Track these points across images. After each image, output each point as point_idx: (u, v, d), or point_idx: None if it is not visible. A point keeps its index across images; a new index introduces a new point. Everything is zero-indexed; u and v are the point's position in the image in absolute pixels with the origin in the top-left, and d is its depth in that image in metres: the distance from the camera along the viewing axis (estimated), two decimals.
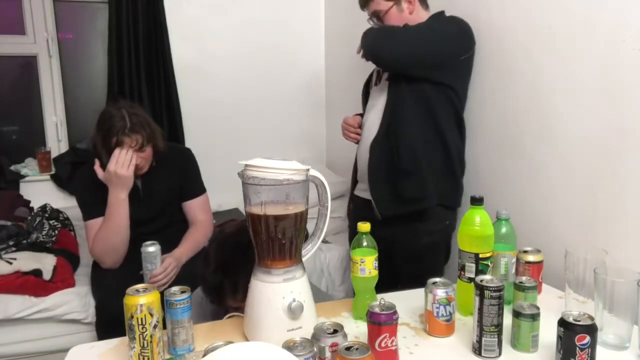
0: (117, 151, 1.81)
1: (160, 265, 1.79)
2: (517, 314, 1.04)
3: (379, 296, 1.09)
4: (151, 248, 1.76)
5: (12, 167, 2.76)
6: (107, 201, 1.85)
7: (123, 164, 1.80)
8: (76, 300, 2.03)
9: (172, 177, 2.04)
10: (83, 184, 1.99)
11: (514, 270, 1.29)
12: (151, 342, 0.95)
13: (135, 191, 1.96)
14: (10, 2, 2.72)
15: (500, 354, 1.02)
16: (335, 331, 0.93)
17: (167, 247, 1.90)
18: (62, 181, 2.75)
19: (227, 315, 1.22)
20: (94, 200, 1.92)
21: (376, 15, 1.80)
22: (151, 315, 0.94)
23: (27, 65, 2.82)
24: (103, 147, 1.84)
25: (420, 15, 1.83)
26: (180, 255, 1.91)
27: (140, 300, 0.93)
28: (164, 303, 1.02)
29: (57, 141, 2.85)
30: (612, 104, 1.32)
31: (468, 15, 1.84)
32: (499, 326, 1.00)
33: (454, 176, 1.83)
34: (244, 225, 1.22)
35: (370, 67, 1.95)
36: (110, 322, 1.49)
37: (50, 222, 2.34)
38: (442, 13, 1.84)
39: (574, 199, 1.45)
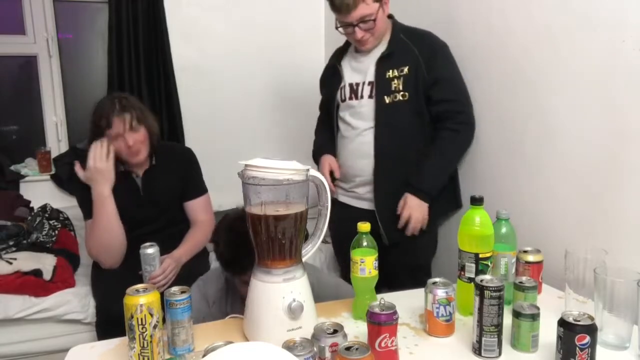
0: (92, 146, 1.82)
1: (159, 267, 1.79)
2: (517, 314, 1.04)
3: (379, 296, 1.09)
4: (149, 250, 1.75)
5: (12, 167, 2.76)
6: (92, 200, 1.84)
7: (101, 157, 1.81)
8: (76, 300, 2.03)
9: (173, 176, 2.03)
10: (82, 184, 1.99)
11: (514, 270, 1.29)
12: (151, 342, 0.95)
13: (135, 190, 1.97)
14: (10, 2, 2.72)
15: (500, 354, 1.02)
16: (335, 331, 0.93)
17: (169, 247, 1.90)
18: (62, 181, 2.75)
19: (228, 316, 1.23)
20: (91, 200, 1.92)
21: (363, 20, 1.69)
22: (151, 315, 0.94)
23: (27, 65, 2.82)
24: (93, 133, 1.86)
25: (387, 19, 1.82)
26: (179, 256, 1.91)
27: (140, 300, 0.93)
28: (164, 303, 1.02)
29: (57, 141, 2.85)
30: (612, 104, 1.32)
31: (468, 15, 1.85)
32: (499, 326, 1.00)
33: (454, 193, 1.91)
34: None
35: None
36: (110, 322, 1.49)
37: (51, 222, 2.34)
38: (403, 26, 1.84)
39: (574, 199, 1.45)
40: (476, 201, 1.20)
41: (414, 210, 1.74)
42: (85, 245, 1.94)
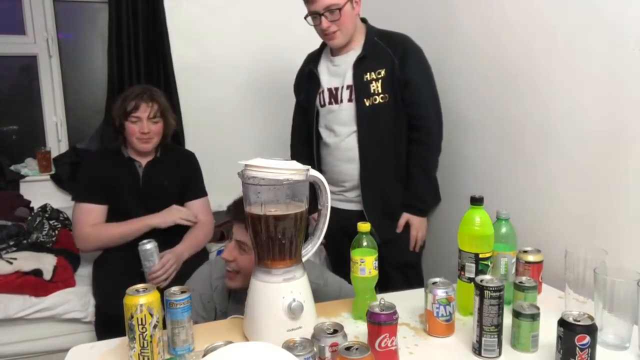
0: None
1: (158, 262, 1.80)
2: (517, 314, 1.04)
3: (379, 296, 1.09)
4: (147, 245, 1.78)
5: (12, 167, 2.76)
6: (142, 219, 1.97)
7: (187, 219, 2.01)
8: (76, 299, 2.03)
9: (173, 174, 2.06)
10: (90, 169, 2.06)
11: (514, 270, 1.29)
12: (151, 342, 0.95)
13: (135, 180, 1.99)
14: (10, 2, 2.72)
15: (500, 354, 1.02)
16: (335, 331, 0.93)
17: (168, 246, 1.91)
18: (62, 181, 2.75)
19: (230, 317, 1.23)
20: (93, 186, 1.99)
21: (329, 10, 1.71)
22: (151, 315, 0.94)
23: (28, 65, 2.82)
24: (120, 110, 1.97)
25: (359, 21, 1.83)
26: (181, 251, 1.93)
27: (140, 300, 0.93)
28: (164, 303, 1.02)
29: (57, 141, 2.85)
30: (613, 104, 1.32)
31: (468, 16, 1.85)
32: (499, 326, 1.00)
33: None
34: None
35: None
36: (110, 322, 1.50)
37: (51, 222, 2.34)
38: (377, 29, 1.85)
39: (574, 199, 1.45)
40: (476, 201, 1.19)
41: (419, 230, 1.86)
42: (77, 228, 2.01)
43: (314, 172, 1.09)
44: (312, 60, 1.97)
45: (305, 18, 1.79)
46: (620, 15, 1.28)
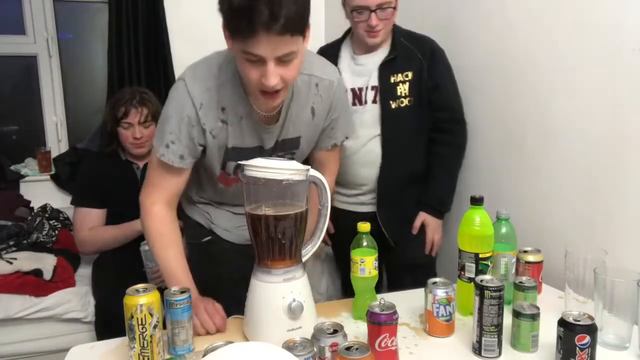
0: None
1: None
2: (517, 314, 1.04)
3: (379, 296, 1.09)
4: (148, 246, 1.78)
5: (12, 167, 2.76)
6: (132, 224, 1.97)
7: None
8: (76, 299, 2.03)
9: None
10: (90, 172, 2.08)
11: (514, 270, 1.29)
12: (151, 342, 0.95)
13: (133, 182, 2.00)
14: (10, 2, 2.72)
15: (500, 354, 1.02)
16: (335, 331, 0.93)
17: None
18: (62, 181, 2.75)
19: (230, 317, 1.23)
20: (90, 190, 2.01)
21: (381, 7, 1.64)
22: (151, 315, 0.94)
23: (27, 65, 2.82)
24: (110, 116, 1.98)
25: None
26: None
27: (140, 300, 0.94)
28: (164, 303, 1.02)
29: (57, 141, 2.85)
30: (613, 104, 1.32)
31: (470, 17, 1.85)
32: (499, 326, 1.00)
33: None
34: None
35: None
36: (109, 322, 1.50)
37: (51, 222, 2.34)
38: (403, 29, 1.82)
39: (574, 199, 1.45)
40: (476, 201, 1.20)
41: (435, 232, 1.82)
42: (75, 232, 2.05)
43: (314, 172, 1.09)
44: (329, 55, 1.87)
45: (351, 12, 1.70)
46: (621, 15, 1.28)
